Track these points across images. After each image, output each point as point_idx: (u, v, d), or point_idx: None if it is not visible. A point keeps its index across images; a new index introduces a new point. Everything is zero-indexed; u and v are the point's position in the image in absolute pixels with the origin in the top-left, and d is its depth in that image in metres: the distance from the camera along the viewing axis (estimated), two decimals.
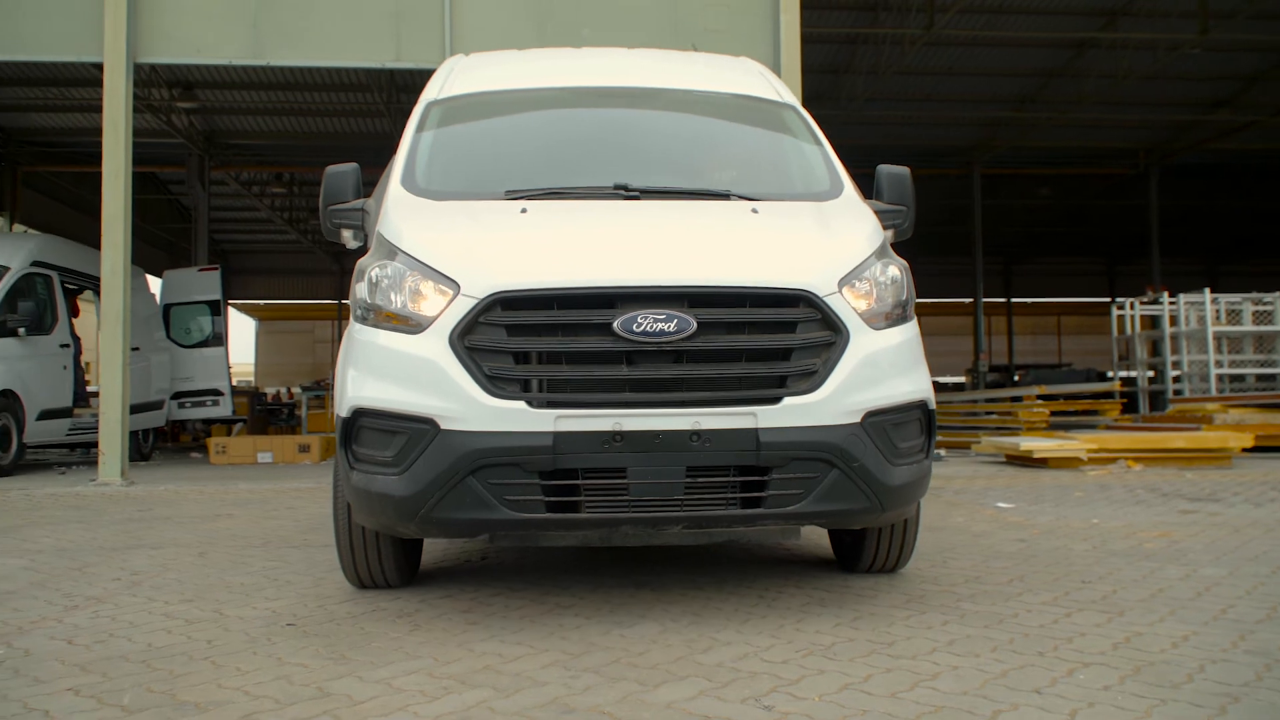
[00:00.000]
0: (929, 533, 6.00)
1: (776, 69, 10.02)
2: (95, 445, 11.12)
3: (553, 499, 3.63)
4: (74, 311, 12.83)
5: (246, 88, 18.97)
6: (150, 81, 18.39)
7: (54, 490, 9.28)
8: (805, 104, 20.27)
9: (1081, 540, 5.69)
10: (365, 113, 20.07)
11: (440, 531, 3.90)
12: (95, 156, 21.09)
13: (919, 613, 3.95)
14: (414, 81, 18.06)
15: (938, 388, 30.23)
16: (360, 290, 3.96)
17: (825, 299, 3.76)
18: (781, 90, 5.41)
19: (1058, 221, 31.97)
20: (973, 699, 2.90)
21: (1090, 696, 2.91)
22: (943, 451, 12.29)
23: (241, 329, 42.96)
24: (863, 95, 20.00)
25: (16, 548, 5.83)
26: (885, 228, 4.44)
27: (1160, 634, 3.59)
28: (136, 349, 13.23)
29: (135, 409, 13.06)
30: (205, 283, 15.07)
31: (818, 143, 4.99)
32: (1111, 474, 9.61)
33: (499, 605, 4.14)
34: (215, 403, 14.65)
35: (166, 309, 14.90)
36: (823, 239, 4.08)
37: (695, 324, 3.60)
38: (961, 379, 31.78)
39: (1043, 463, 10.14)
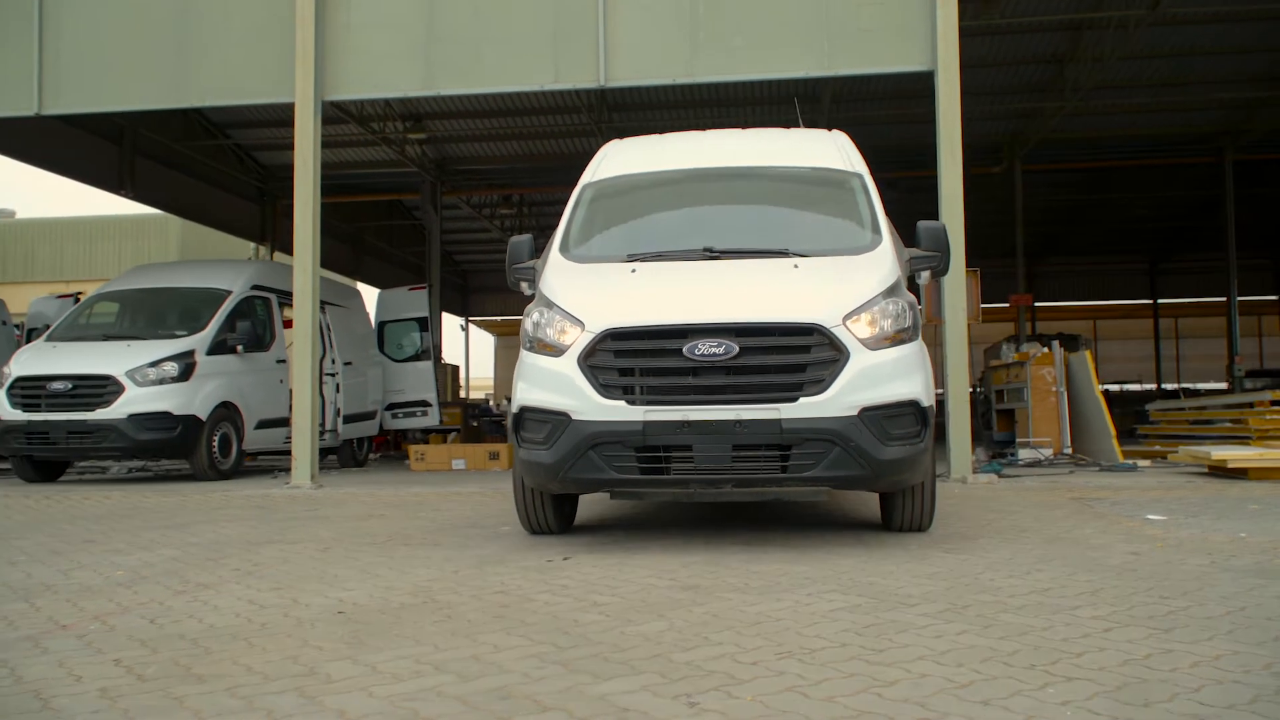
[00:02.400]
0: (1043, 544, 5.67)
1: (933, 65, 9.69)
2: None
3: (644, 466, 5.30)
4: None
5: (468, 116, 20.12)
6: (385, 116, 19.87)
7: (250, 492, 10.20)
8: (1025, 95, 19.13)
9: (1203, 555, 5.21)
10: (578, 133, 20.82)
11: (575, 488, 5.62)
12: (340, 188, 23.11)
13: (946, 622, 3.78)
14: (624, 99, 18.58)
15: (1189, 394, 28.02)
16: (527, 326, 5.73)
17: (832, 329, 5.23)
18: (854, 161, 6.71)
19: None
20: (910, 706, 2.78)
21: (1039, 710, 2.73)
22: (1144, 462, 11.40)
23: (482, 345, 45.35)
24: (1089, 84, 18.81)
25: (178, 540, 6.52)
26: (919, 270, 6.14)
27: (1191, 654, 3.29)
28: (350, 363, 14.36)
29: (350, 419, 14.16)
30: (414, 301, 16.05)
31: (869, 204, 6.33)
32: None
33: (542, 602, 4.29)
34: (424, 413, 15.60)
35: (381, 326, 15.99)
36: (838, 285, 5.51)
37: (738, 348, 5.16)
38: (1223, 384, 29.12)
39: (1242, 473, 9.25)
